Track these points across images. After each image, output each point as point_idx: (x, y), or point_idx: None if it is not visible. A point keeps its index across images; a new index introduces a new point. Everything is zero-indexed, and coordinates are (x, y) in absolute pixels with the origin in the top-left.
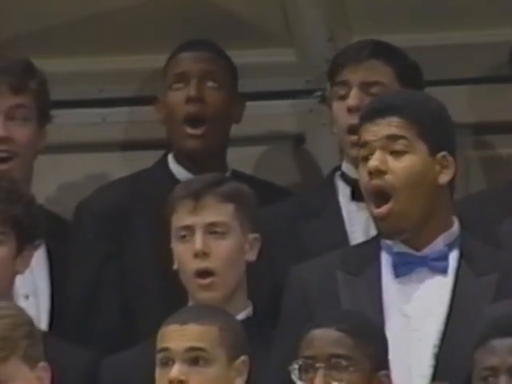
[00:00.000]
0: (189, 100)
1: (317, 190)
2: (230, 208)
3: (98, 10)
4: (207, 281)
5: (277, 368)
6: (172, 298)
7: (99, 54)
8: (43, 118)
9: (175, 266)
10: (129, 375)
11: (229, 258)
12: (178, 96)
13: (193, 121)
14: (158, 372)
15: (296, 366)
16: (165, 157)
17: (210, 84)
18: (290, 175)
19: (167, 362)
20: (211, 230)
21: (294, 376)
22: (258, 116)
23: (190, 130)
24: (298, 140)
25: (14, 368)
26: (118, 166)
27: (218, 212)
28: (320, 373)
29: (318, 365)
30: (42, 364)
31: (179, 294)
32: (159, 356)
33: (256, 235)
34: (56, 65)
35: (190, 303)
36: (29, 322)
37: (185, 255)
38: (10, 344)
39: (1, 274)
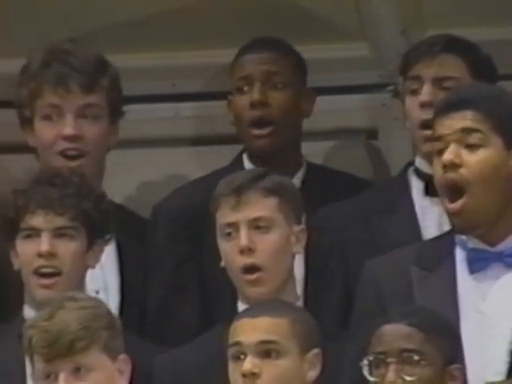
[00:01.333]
0: (253, 105)
1: (390, 185)
2: (273, 202)
3: (171, 4)
4: (254, 276)
5: (350, 364)
6: None
7: (172, 48)
8: (115, 115)
9: (222, 264)
10: (182, 365)
11: (275, 252)
12: (243, 100)
13: (258, 124)
14: (231, 366)
15: (367, 362)
16: (240, 155)
17: (274, 85)
18: (361, 170)
19: (239, 356)
20: (255, 225)
21: (366, 372)
22: (331, 111)
23: (256, 131)
24: (371, 135)
25: (95, 358)
26: (189, 161)
27: (261, 207)
28: (392, 368)
29: (389, 360)
30: (122, 356)
31: None
32: (231, 350)
33: (302, 227)
34: (129, 60)
35: (240, 302)
36: (109, 314)
37: (231, 252)
38: (91, 334)
39: (72, 269)
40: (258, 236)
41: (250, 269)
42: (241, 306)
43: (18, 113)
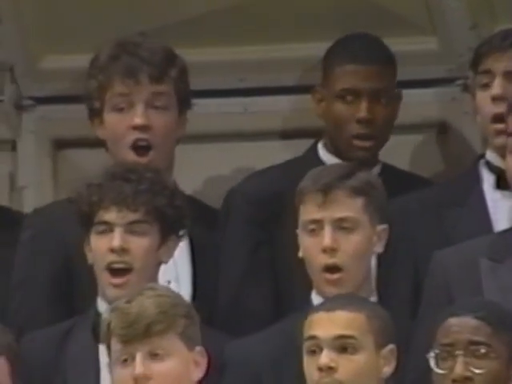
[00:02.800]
0: (359, 121)
1: (460, 178)
2: (359, 202)
3: None
4: (335, 277)
5: (418, 355)
6: None
7: (241, 43)
8: (183, 106)
9: (300, 254)
10: (254, 355)
11: (357, 253)
12: (346, 111)
13: (362, 138)
14: (306, 359)
15: (433, 354)
16: (315, 145)
17: (379, 101)
18: (432, 163)
19: (315, 350)
20: (340, 225)
21: (432, 364)
22: (401, 105)
23: (359, 143)
24: (441, 128)
25: (172, 343)
26: (258, 156)
27: (347, 207)
28: (460, 360)
29: (456, 352)
30: (199, 348)
31: None
32: (307, 344)
33: (384, 226)
34: (198, 54)
35: (314, 294)
36: (188, 305)
37: (313, 249)
38: (169, 319)
39: (144, 265)
40: (341, 236)
41: (332, 269)
42: (315, 299)
43: (88, 105)
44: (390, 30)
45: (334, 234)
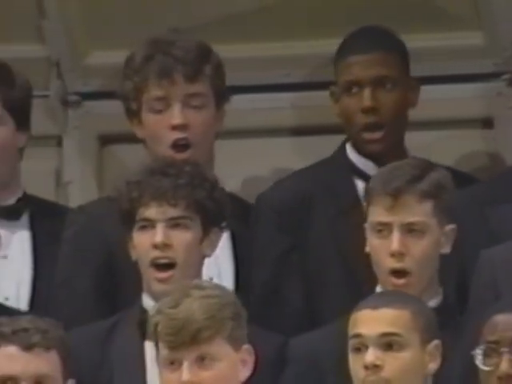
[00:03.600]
0: (364, 110)
1: (506, 174)
2: (428, 206)
3: None
4: (402, 281)
5: (463, 352)
6: (355, 284)
7: (284, 38)
8: (220, 101)
9: (367, 250)
10: (319, 352)
11: (425, 257)
12: (352, 103)
13: (371, 129)
14: (352, 357)
15: (479, 351)
16: (343, 146)
17: (383, 88)
18: (477, 159)
19: (360, 348)
20: (409, 228)
21: (478, 361)
22: (445, 100)
23: (368, 136)
24: (486, 124)
25: (219, 348)
26: (295, 151)
27: (416, 212)
28: (506, 357)
29: (502, 349)
30: (246, 346)
31: (362, 281)
32: (352, 342)
33: (452, 226)
34: (243, 50)
35: (379, 289)
36: (235, 304)
37: (380, 251)
38: (217, 324)
39: (187, 259)
40: (410, 240)
41: (399, 273)
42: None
43: (125, 105)
44: (436, 24)
45: (403, 239)
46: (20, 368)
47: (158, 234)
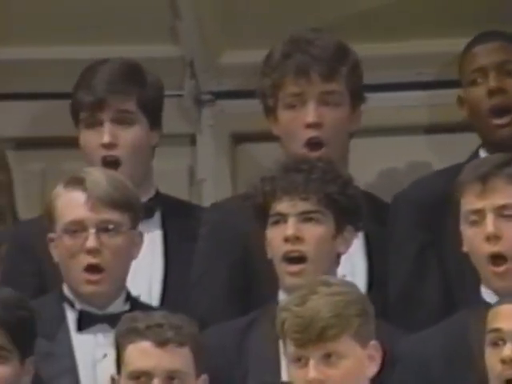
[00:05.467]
0: (491, 92)
1: None
2: None
3: None
4: (502, 268)
5: None
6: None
7: (415, 37)
8: (356, 101)
9: (464, 249)
10: (429, 357)
11: None
12: (478, 91)
13: (498, 113)
14: (489, 352)
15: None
16: (477, 150)
17: (507, 73)
18: None
19: (498, 343)
20: (502, 212)
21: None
22: None
23: (496, 121)
24: None
25: (346, 346)
26: (428, 149)
27: (507, 194)
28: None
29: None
30: (373, 342)
31: None
32: (490, 336)
33: None
34: (376, 49)
35: (483, 288)
36: (362, 300)
37: (476, 239)
38: (343, 321)
39: (318, 254)
40: (504, 224)
41: (497, 258)
42: (484, 293)
43: (263, 102)
44: None
45: (497, 222)
46: (153, 363)
47: (290, 228)
